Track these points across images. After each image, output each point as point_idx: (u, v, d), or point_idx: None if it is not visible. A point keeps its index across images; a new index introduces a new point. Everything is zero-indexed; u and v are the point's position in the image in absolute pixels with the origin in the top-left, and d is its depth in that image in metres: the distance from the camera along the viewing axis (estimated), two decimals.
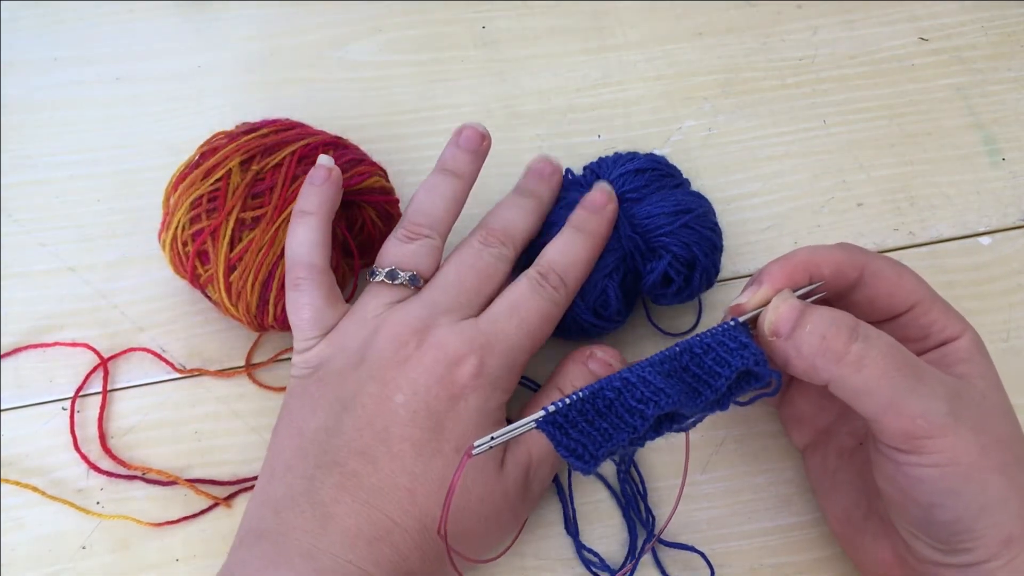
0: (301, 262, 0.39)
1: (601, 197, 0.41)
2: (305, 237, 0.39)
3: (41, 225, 0.48)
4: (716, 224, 0.42)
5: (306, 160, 0.41)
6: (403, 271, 0.39)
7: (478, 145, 0.42)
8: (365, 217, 0.43)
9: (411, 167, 0.49)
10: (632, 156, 0.44)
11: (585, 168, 0.45)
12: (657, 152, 0.47)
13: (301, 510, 0.34)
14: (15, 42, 0.53)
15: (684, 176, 0.45)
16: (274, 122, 0.43)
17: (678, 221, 0.41)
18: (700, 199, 0.43)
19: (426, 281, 0.39)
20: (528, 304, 0.38)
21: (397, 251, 0.39)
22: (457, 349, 0.36)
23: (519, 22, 0.55)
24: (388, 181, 0.45)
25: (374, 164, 0.44)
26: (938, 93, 0.52)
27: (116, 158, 0.50)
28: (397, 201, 0.44)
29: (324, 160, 0.40)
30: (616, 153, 0.45)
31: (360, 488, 0.34)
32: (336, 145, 0.43)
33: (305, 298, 0.38)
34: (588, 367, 0.40)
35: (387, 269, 0.39)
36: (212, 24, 0.54)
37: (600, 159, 0.45)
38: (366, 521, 0.34)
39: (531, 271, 0.39)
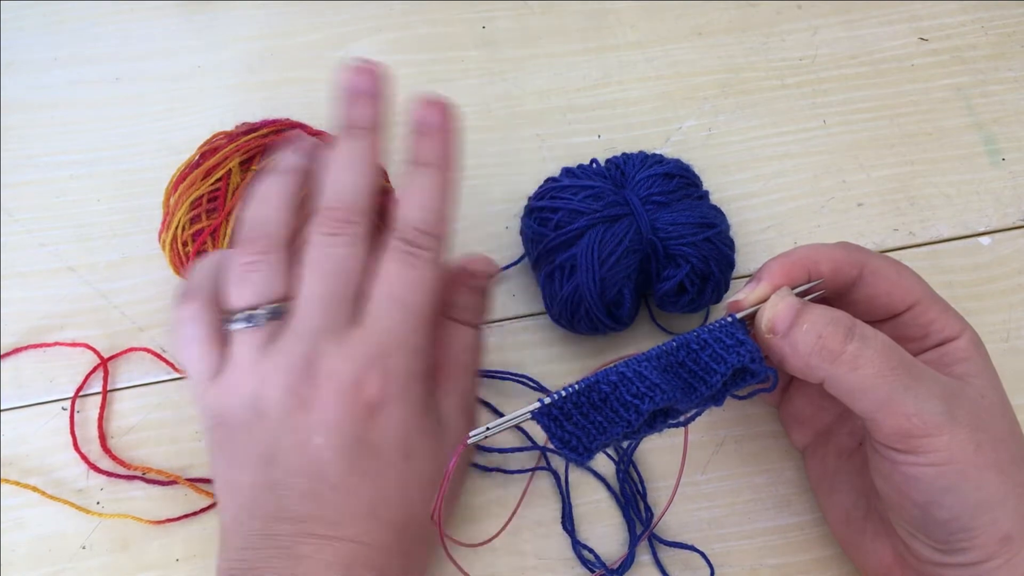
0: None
1: (434, 113, 0.35)
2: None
3: (41, 225, 0.48)
4: (732, 241, 0.43)
5: None
6: (259, 310, 0.34)
7: (305, 150, 0.37)
8: None
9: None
10: (660, 159, 0.44)
11: (608, 161, 0.45)
12: (657, 152, 0.47)
13: (268, 554, 0.32)
14: (15, 42, 0.54)
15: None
16: (274, 122, 0.43)
17: (701, 234, 0.41)
18: (721, 215, 0.43)
19: (288, 299, 0.34)
20: (406, 285, 0.34)
21: (243, 291, 0.34)
22: (354, 373, 0.33)
23: (519, 22, 0.55)
24: (388, 181, 0.45)
25: None
26: (938, 93, 0.52)
27: (116, 158, 0.50)
28: (397, 201, 0.44)
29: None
30: (642, 152, 0.45)
31: (318, 525, 0.32)
32: None
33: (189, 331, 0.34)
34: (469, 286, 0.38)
35: (243, 315, 0.34)
36: (212, 24, 0.54)
37: (625, 155, 0.45)
38: (333, 554, 0.32)
39: (395, 242, 0.34)
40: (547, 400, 0.31)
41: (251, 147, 0.41)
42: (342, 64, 0.35)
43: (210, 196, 0.40)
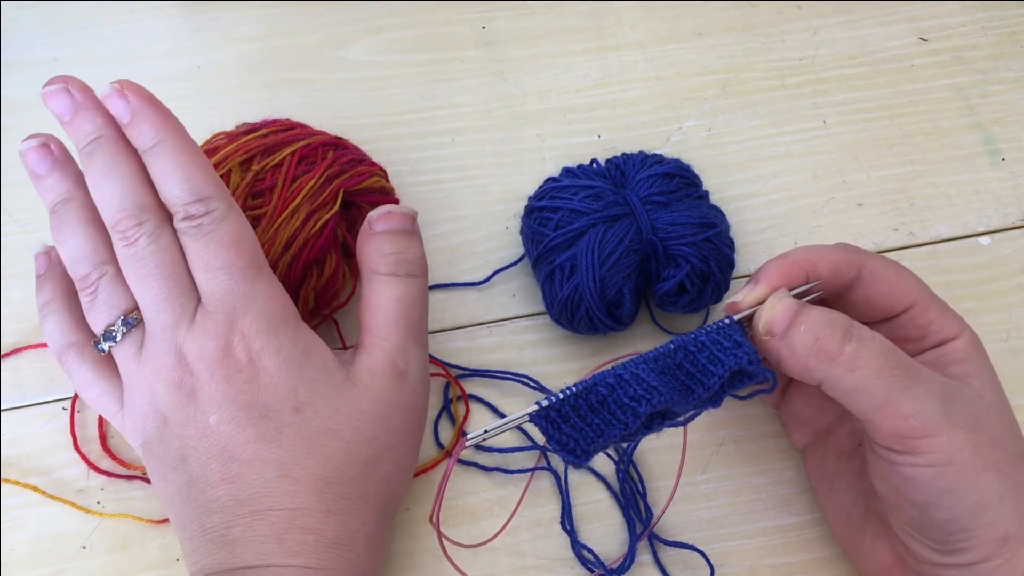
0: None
1: (122, 101, 0.35)
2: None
3: (41, 225, 0.48)
4: (732, 242, 0.43)
5: (306, 160, 0.41)
6: (115, 327, 0.36)
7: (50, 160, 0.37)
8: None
9: (411, 167, 0.49)
10: (660, 159, 0.44)
11: (608, 161, 0.45)
12: (657, 152, 0.47)
13: (210, 551, 0.34)
14: (15, 42, 0.54)
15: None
16: (274, 122, 0.43)
17: (701, 235, 0.41)
18: (721, 215, 0.43)
19: (137, 310, 0.36)
20: (211, 252, 0.34)
21: (95, 317, 0.36)
22: (217, 345, 0.34)
23: (519, 22, 0.55)
24: (388, 181, 0.45)
25: (374, 164, 0.44)
26: (938, 93, 0.52)
27: None
28: (397, 201, 0.44)
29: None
30: (642, 152, 0.45)
31: (241, 505, 0.34)
32: (336, 145, 0.43)
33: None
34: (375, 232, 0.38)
35: (104, 335, 0.36)
36: (212, 24, 0.54)
37: (625, 155, 0.45)
38: (263, 524, 0.33)
39: (177, 225, 0.35)
40: (544, 403, 0.31)
41: (251, 147, 0.41)
42: (42, 91, 0.36)
43: None
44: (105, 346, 0.36)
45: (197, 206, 0.34)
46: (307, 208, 0.40)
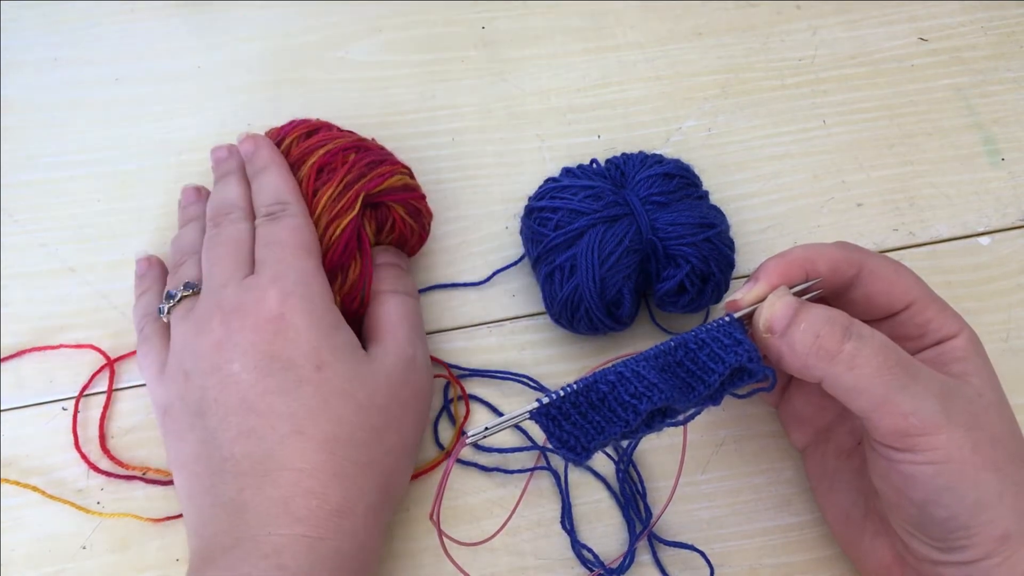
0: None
1: (249, 144, 0.44)
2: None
3: (41, 225, 0.48)
4: (732, 242, 0.43)
5: (327, 168, 0.42)
6: (177, 290, 0.40)
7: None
8: (395, 216, 0.43)
9: (411, 167, 0.49)
10: (660, 159, 0.44)
11: (608, 161, 0.45)
12: (657, 152, 0.47)
13: (217, 518, 0.35)
14: (15, 42, 0.54)
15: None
16: (300, 125, 0.44)
17: (701, 235, 0.41)
18: (721, 215, 0.43)
19: (200, 281, 0.40)
20: (276, 232, 0.40)
21: (169, 282, 0.42)
22: (255, 297, 0.37)
23: (519, 22, 0.55)
24: (413, 178, 0.45)
25: (397, 163, 0.44)
26: (938, 93, 0.52)
27: (116, 158, 0.50)
28: (423, 197, 0.44)
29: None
30: (642, 152, 0.45)
31: (254, 463, 0.35)
32: (357, 148, 0.43)
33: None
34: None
35: (167, 296, 0.40)
36: (212, 25, 0.54)
37: (625, 155, 0.45)
38: (272, 486, 0.34)
39: (259, 219, 0.41)
40: (545, 400, 0.31)
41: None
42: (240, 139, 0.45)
43: None
44: (165, 306, 0.40)
45: (276, 206, 0.41)
46: (327, 217, 0.41)
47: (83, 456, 0.42)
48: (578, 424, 0.31)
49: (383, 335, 0.40)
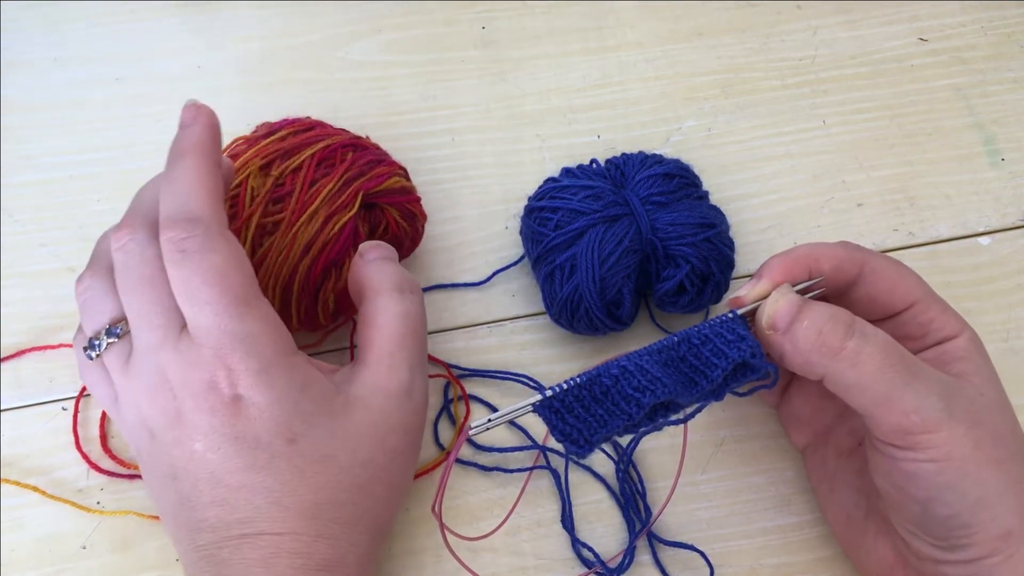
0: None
1: (187, 114, 0.37)
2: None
3: (41, 225, 0.48)
4: (732, 242, 0.43)
5: (325, 162, 0.41)
6: (100, 337, 0.35)
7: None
8: (389, 218, 0.43)
9: (411, 167, 0.49)
10: (659, 159, 0.44)
11: (608, 161, 0.45)
12: (657, 152, 0.47)
13: (200, 568, 0.33)
14: (15, 42, 0.54)
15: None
16: (294, 122, 0.43)
17: (701, 235, 0.41)
18: (720, 215, 0.43)
19: (124, 321, 0.35)
20: (193, 284, 0.33)
21: (85, 321, 0.36)
22: (202, 377, 0.33)
23: (519, 22, 0.55)
24: (409, 180, 0.44)
25: (394, 164, 0.44)
26: (938, 93, 0.52)
27: (116, 158, 0.50)
28: (419, 199, 0.44)
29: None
30: (641, 152, 0.45)
31: (229, 528, 0.33)
32: (355, 146, 0.43)
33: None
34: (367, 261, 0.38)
35: (89, 343, 0.36)
36: (212, 25, 0.54)
37: (625, 155, 0.45)
38: (251, 548, 0.33)
39: (163, 244, 0.34)
40: (549, 392, 0.31)
41: (270, 151, 0.41)
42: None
43: (231, 203, 0.40)
44: (92, 353, 0.35)
45: (182, 228, 0.33)
46: (326, 211, 0.40)
47: (84, 456, 0.42)
48: (581, 417, 0.31)
49: (379, 356, 0.36)
